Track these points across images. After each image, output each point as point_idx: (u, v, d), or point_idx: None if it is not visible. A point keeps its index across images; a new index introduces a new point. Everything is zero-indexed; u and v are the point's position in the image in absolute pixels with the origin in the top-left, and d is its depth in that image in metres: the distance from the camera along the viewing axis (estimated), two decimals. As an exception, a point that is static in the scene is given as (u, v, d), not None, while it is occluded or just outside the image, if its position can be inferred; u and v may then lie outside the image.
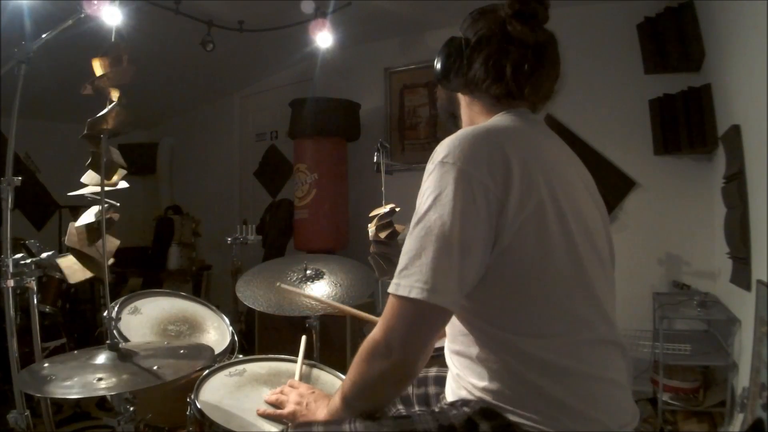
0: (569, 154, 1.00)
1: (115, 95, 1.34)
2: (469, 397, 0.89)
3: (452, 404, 0.92)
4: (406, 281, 0.81)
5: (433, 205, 0.81)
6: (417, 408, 1.08)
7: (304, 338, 1.48)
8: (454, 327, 0.91)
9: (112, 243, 1.45)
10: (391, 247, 2.04)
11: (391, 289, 0.83)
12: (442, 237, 0.79)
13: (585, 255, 0.87)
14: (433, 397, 1.07)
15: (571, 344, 0.84)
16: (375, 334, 0.86)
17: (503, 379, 0.84)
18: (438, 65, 1.03)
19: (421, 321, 0.82)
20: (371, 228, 1.93)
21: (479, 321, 0.86)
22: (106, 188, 1.33)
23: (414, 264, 0.81)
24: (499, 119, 0.95)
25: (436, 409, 0.96)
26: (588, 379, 0.84)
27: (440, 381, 1.05)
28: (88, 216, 1.41)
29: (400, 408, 1.10)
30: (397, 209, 1.93)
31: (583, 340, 0.85)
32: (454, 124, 1.09)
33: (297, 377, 1.32)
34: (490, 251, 0.82)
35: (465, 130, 0.88)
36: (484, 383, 0.86)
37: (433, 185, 0.82)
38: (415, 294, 0.79)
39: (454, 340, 0.92)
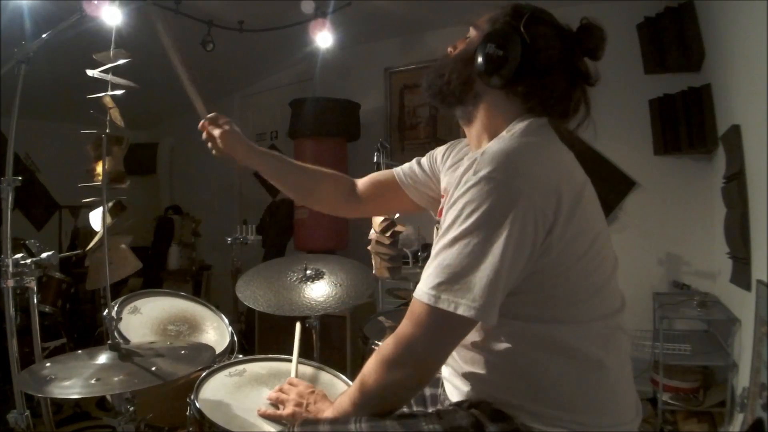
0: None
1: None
2: (478, 396, 0.89)
3: (458, 405, 0.91)
4: (450, 296, 0.79)
5: (483, 222, 0.78)
6: (415, 408, 1.07)
7: (298, 325, 1.48)
8: None
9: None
10: (391, 246, 2.04)
11: (425, 299, 0.81)
12: (492, 259, 0.78)
13: (610, 253, 0.91)
14: (429, 398, 1.06)
15: (602, 329, 0.87)
16: (398, 341, 0.85)
17: (522, 372, 0.85)
18: (490, 48, 0.91)
19: (452, 333, 0.83)
20: (374, 227, 1.94)
21: (504, 316, 0.84)
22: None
23: (459, 280, 0.79)
24: (531, 133, 0.90)
25: (441, 409, 0.96)
26: (611, 369, 0.86)
27: (435, 382, 1.06)
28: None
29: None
30: (397, 215, 1.93)
31: (612, 326, 0.88)
32: (459, 97, 1.01)
33: (293, 372, 1.31)
34: (532, 263, 0.82)
35: (508, 145, 0.84)
36: (497, 377, 0.87)
37: (479, 200, 0.79)
38: (462, 311, 0.78)
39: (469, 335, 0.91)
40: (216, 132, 1.29)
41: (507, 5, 0.98)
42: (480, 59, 0.93)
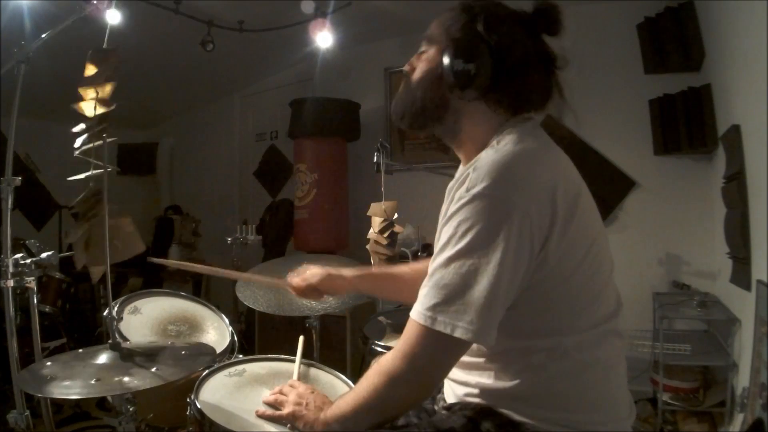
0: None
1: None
2: (470, 399, 0.89)
3: (450, 408, 0.92)
4: (446, 317, 0.78)
5: (479, 241, 0.77)
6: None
7: (301, 339, 1.48)
8: None
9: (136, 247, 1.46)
10: (389, 246, 2.04)
11: (421, 320, 0.81)
12: (489, 278, 0.77)
13: (607, 256, 0.90)
14: (429, 401, 1.07)
15: (599, 334, 0.86)
16: (397, 360, 0.84)
17: (516, 377, 0.85)
18: (458, 64, 0.87)
19: (450, 354, 0.83)
20: (373, 226, 1.94)
21: (503, 333, 0.83)
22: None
23: (456, 301, 0.78)
24: (523, 139, 0.86)
25: (436, 409, 0.97)
26: (603, 368, 0.87)
27: None
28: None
29: None
30: (395, 217, 1.94)
31: (607, 329, 0.88)
32: (437, 118, 0.97)
33: (295, 376, 1.32)
34: (529, 276, 0.81)
35: (502, 157, 0.81)
36: (492, 382, 0.87)
37: (474, 218, 0.78)
38: (459, 334, 0.77)
39: None
40: (319, 292, 1.37)
41: (455, 5, 0.93)
42: (450, 76, 0.88)
